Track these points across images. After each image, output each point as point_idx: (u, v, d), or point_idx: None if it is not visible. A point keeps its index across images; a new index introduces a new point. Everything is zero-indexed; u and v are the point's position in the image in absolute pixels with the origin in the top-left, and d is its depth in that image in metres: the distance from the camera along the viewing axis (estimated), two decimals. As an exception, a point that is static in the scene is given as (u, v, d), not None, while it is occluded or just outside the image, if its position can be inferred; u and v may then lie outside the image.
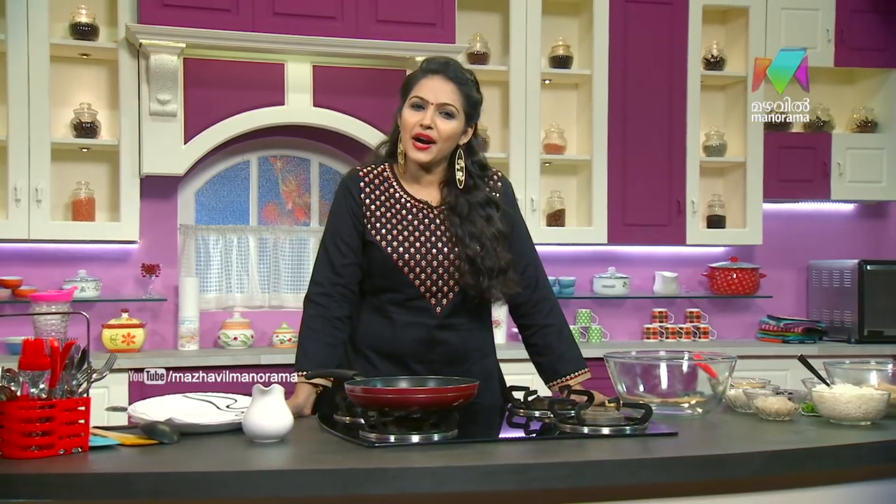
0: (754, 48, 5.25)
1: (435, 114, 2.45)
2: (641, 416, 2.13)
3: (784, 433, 2.16)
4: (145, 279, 4.74)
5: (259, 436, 2.05)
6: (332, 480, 1.76)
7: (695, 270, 5.41)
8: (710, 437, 2.17)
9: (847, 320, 5.29)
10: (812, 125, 5.46)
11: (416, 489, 1.78)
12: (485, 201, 2.53)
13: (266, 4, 4.49)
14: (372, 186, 2.54)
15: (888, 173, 5.45)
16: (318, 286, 2.51)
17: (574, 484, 1.81)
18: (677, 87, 5.13)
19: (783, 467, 1.92)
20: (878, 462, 2.02)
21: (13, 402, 1.89)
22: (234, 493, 1.74)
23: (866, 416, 2.23)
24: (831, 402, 2.25)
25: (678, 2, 5.14)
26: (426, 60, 2.55)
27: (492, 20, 5.14)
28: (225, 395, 2.40)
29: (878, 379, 2.45)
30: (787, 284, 5.59)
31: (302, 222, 5.08)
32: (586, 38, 5.11)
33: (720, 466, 1.89)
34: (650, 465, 1.85)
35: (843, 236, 5.68)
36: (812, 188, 5.37)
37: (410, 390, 2.14)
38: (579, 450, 1.97)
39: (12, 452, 1.88)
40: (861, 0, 5.39)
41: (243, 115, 4.58)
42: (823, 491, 2.01)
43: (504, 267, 2.49)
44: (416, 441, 2.01)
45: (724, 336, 5.40)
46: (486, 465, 1.82)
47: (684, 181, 5.12)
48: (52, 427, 1.90)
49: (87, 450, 1.95)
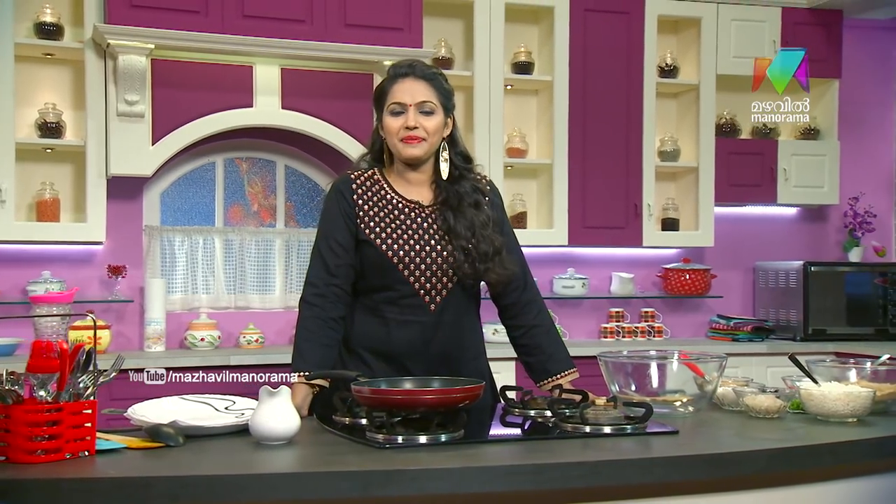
0: (706, 57, 5.30)
1: (416, 113, 2.46)
2: (642, 415, 2.12)
3: (777, 430, 2.17)
4: (111, 280, 4.61)
5: (267, 437, 1.99)
6: (353, 482, 1.71)
7: (649, 271, 5.45)
8: (710, 434, 2.15)
9: (793, 319, 5.38)
10: (759, 132, 5.53)
11: (436, 490, 1.74)
12: (472, 189, 2.53)
13: (236, 7, 4.40)
14: (364, 189, 2.51)
15: (829, 179, 5.54)
16: (313, 287, 2.45)
17: (590, 483, 1.79)
18: (634, 94, 5.16)
19: (786, 464, 1.92)
20: (874, 458, 2.04)
21: (19, 405, 1.81)
22: (253, 496, 1.68)
23: (853, 413, 2.25)
24: (820, 399, 2.26)
25: (635, 12, 5.16)
26: (392, 67, 2.55)
27: (455, 26, 5.11)
28: (222, 396, 2.33)
29: (858, 377, 2.48)
30: (735, 285, 5.66)
31: (267, 224, 4.99)
32: (546, 46, 5.11)
33: (730, 463, 1.88)
34: (664, 463, 1.84)
35: (786, 239, 5.77)
36: (759, 192, 5.44)
37: (419, 391, 2.10)
38: (590, 449, 1.94)
39: (18, 457, 1.79)
40: (804, 14, 5.48)
41: (212, 117, 4.47)
42: (822, 487, 2.01)
43: (498, 248, 2.49)
44: (424, 442, 1.97)
45: (677, 335, 5.45)
46: (503, 466, 1.79)
47: (641, 185, 5.15)
48: (59, 431, 1.81)
49: (93, 453, 1.87)
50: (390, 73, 2.52)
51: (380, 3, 4.56)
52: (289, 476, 1.72)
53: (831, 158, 5.55)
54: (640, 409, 2.13)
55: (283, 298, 4.95)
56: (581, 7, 5.06)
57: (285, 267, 4.97)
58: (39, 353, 1.79)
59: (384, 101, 2.48)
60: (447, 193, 2.50)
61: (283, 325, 4.91)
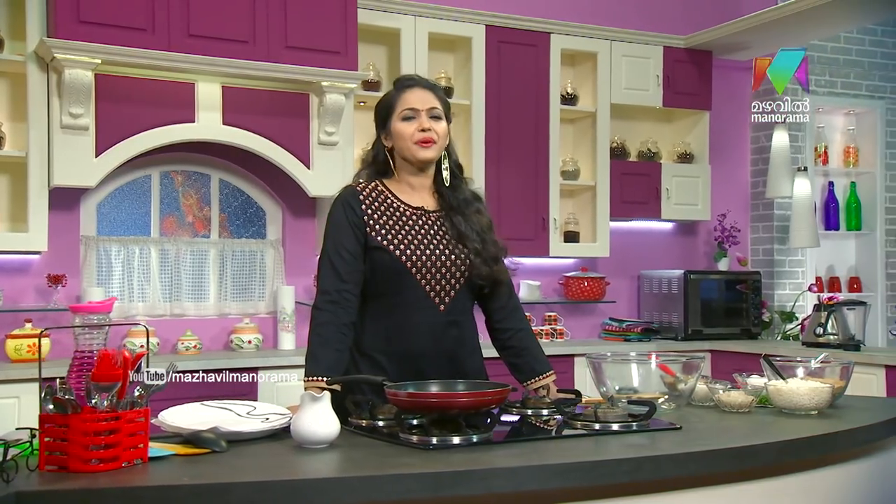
0: (602, 88, 5.42)
1: (427, 118, 2.40)
2: (646, 412, 2.12)
3: (754, 423, 2.22)
4: (50, 289, 4.30)
5: (310, 441, 1.89)
6: (424, 483, 1.63)
7: (551, 279, 5.51)
8: (709, 429, 2.16)
9: (674, 321, 5.55)
10: (644, 155, 5.70)
11: (501, 489, 1.68)
12: (472, 196, 2.51)
13: (181, 26, 4.19)
14: (371, 199, 2.43)
15: (702, 198, 5.76)
16: (325, 294, 2.34)
17: (634, 478, 1.77)
18: (541, 119, 5.22)
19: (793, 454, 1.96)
20: (860, 444, 2.10)
21: (77, 414, 1.64)
22: (331, 499, 1.58)
23: (816, 406, 2.32)
24: (788, 394, 2.33)
25: (542, 45, 5.23)
26: (400, 79, 2.53)
27: (380, 52, 5.05)
28: (242, 402, 2.19)
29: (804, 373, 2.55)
30: (623, 291, 5.79)
31: (202, 234, 4.77)
32: (464, 72, 5.10)
33: (750, 455, 1.90)
34: (697, 458, 1.83)
35: (665, 250, 5.95)
36: (646, 209, 5.60)
37: (455, 394, 2.04)
38: (630, 447, 1.92)
39: (76, 466, 1.63)
40: (682, 52, 5.68)
41: (155, 131, 4.23)
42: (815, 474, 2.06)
43: (504, 251, 2.49)
44: (458, 442, 1.90)
45: (576, 336, 5.53)
46: (558, 464, 1.74)
47: (548, 201, 5.21)
48: (118, 439, 1.66)
49: (146, 461, 1.73)
50: (397, 85, 2.48)
51: (319, 27, 4.44)
52: (364, 479, 1.63)
53: (703, 180, 5.76)
54: (643, 407, 2.13)
55: (217, 306, 4.74)
56: (495, 38, 5.08)
57: (220, 276, 4.76)
58: (105, 364, 1.63)
59: (393, 111, 2.42)
60: (451, 199, 2.45)
61: (218, 331, 4.71)
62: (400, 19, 4.86)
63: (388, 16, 4.84)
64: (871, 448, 2.19)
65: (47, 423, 1.66)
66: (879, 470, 2.26)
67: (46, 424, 1.66)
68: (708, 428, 2.17)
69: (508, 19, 5.13)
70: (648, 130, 5.79)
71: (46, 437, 1.66)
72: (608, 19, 5.59)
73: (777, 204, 6.02)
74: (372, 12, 4.76)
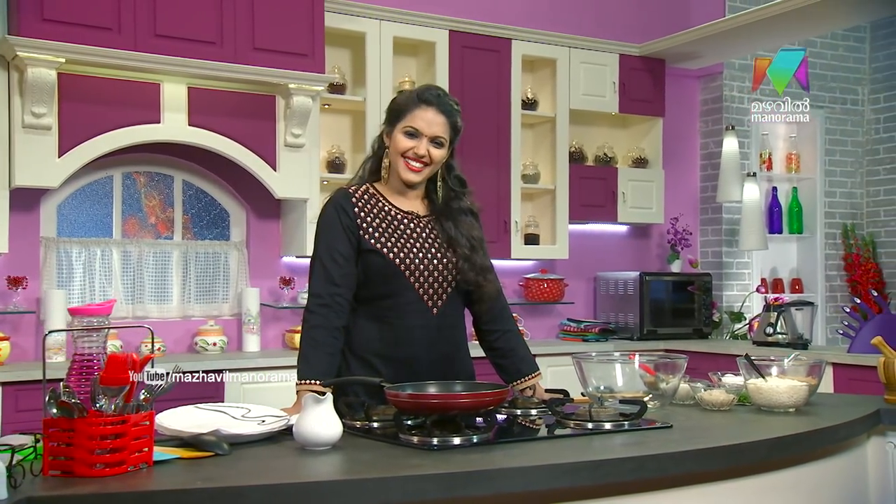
0: (560, 93, 5.45)
1: (428, 143, 2.38)
2: (637, 411, 2.13)
3: (739, 421, 2.25)
4: (9, 291, 4.17)
5: (313, 443, 1.86)
6: (438, 484, 1.62)
7: (511, 280, 5.53)
8: (697, 427, 2.18)
9: (630, 321, 5.61)
10: (601, 160, 5.75)
11: (511, 489, 1.67)
12: (467, 209, 2.49)
13: (147, 26, 4.09)
14: (363, 203, 2.40)
15: (656, 201, 5.84)
16: (317, 298, 2.31)
17: (637, 476, 1.78)
18: (503, 123, 5.23)
19: (783, 451, 1.99)
20: (842, 440, 2.15)
21: (83, 419, 1.59)
22: (347, 500, 1.56)
23: (794, 404, 2.37)
24: (768, 393, 2.37)
25: (503, 51, 5.24)
26: (421, 90, 2.44)
27: (345, 55, 5.01)
28: (237, 404, 2.15)
29: (777, 371, 2.60)
30: (580, 292, 5.84)
31: (165, 236, 4.67)
32: (427, 76, 5.08)
33: (746, 452, 1.93)
34: (697, 455, 1.85)
35: (620, 252, 6.02)
36: (603, 212, 5.65)
37: (456, 395, 2.03)
38: (621, 445, 1.94)
39: (83, 470, 1.58)
40: (637, 60, 5.75)
41: (120, 131, 4.13)
42: (801, 469, 2.10)
43: (490, 265, 2.47)
44: (459, 443, 1.89)
45: (535, 336, 5.55)
46: (566, 463, 1.74)
47: (509, 204, 5.22)
48: (124, 443, 1.62)
49: (151, 465, 1.68)
50: (417, 96, 2.40)
51: (286, 29, 4.39)
52: (379, 480, 1.60)
53: (657, 185, 5.84)
54: (635, 405, 2.15)
55: (180, 308, 4.65)
56: (459, 44, 5.08)
57: (183, 277, 4.67)
58: (115, 367, 1.58)
59: (400, 119, 2.39)
60: (440, 205, 2.45)
61: (181, 333, 4.61)
62: (365, 23, 4.83)
63: (353, 19, 4.80)
64: (850, 443, 2.24)
65: (51, 427, 1.60)
66: (854, 463, 2.32)
67: (51, 429, 1.60)
68: (696, 426, 2.19)
69: (472, 25, 5.13)
70: (605, 136, 5.85)
71: (51, 442, 1.60)
72: (567, 27, 5.64)
73: (725, 208, 6.14)
74: (337, 16, 4.72)
